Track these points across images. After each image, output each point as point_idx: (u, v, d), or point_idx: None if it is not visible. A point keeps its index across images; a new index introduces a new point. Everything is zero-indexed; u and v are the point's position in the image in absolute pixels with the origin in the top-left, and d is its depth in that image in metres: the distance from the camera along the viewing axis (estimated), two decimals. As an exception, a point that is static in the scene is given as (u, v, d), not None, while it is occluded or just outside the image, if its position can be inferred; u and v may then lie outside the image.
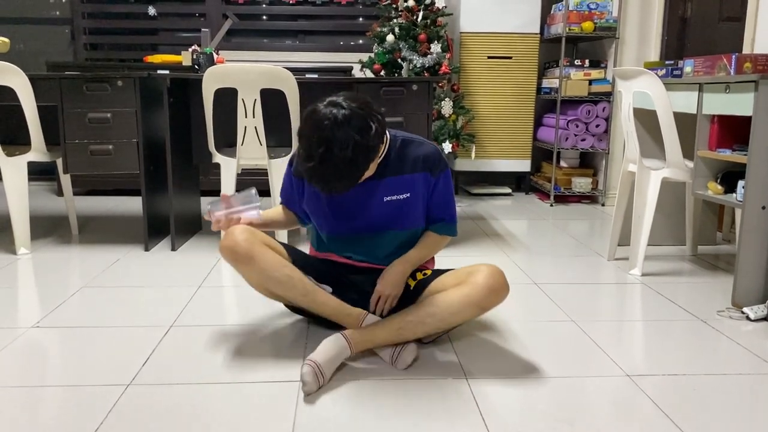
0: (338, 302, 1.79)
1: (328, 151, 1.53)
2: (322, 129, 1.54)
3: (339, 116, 1.54)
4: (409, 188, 1.77)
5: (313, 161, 1.55)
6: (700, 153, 2.43)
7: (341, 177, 1.56)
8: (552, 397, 1.55)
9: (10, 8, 4.85)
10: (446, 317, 1.69)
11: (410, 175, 1.76)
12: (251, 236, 1.73)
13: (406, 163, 1.76)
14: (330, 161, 1.54)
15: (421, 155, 1.77)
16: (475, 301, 1.67)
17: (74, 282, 2.43)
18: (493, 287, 1.68)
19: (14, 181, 2.78)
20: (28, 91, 2.71)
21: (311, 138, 1.55)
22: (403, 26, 4.08)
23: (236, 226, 1.75)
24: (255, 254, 1.71)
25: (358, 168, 1.57)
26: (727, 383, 1.65)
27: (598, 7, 4.17)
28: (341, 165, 1.54)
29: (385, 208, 1.77)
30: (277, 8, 4.85)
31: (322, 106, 1.57)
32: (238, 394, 1.55)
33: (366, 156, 1.57)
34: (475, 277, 1.69)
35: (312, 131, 1.55)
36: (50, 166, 4.73)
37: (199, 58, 3.14)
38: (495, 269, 1.71)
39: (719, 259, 2.91)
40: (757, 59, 2.37)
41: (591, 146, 4.28)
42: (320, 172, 1.55)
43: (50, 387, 1.57)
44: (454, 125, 4.20)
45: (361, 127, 1.56)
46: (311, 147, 1.55)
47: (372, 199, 1.77)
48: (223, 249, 1.72)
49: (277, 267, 1.73)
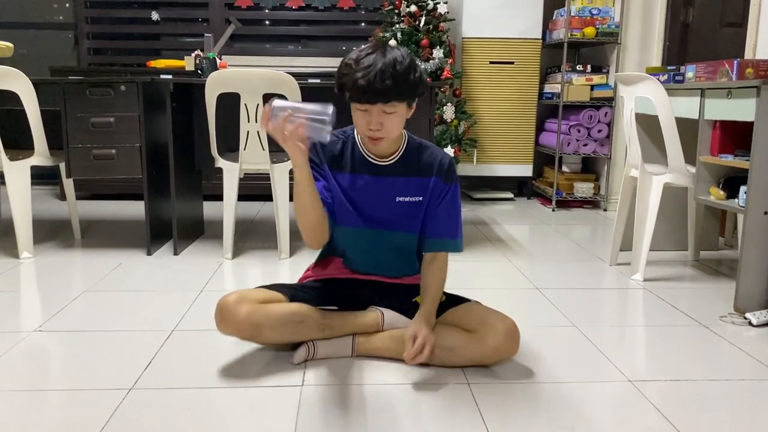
0: (352, 320, 1.78)
1: (386, 54, 1.54)
2: (377, 47, 1.57)
3: (393, 46, 1.60)
4: (422, 192, 1.74)
5: (366, 63, 1.53)
6: (702, 158, 2.43)
7: (390, 77, 1.52)
8: (554, 402, 1.55)
9: (13, 13, 4.87)
10: (448, 362, 1.71)
11: (425, 179, 1.74)
12: (247, 306, 1.65)
13: (421, 167, 1.74)
14: (385, 61, 1.53)
15: (437, 161, 1.74)
16: (478, 359, 1.70)
17: (76, 286, 2.44)
18: (502, 352, 1.69)
19: (17, 185, 2.79)
20: (31, 96, 2.72)
21: (363, 51, 1.57)
22: (406, 31, 4.09)
23: (226, 298, 1.66)
24: (260, 322, 1.65)
25: (409, 77, 1.56)
26: (729, 389, 1.64)
27: (599, 13, 4.17)
28: (396, 65, 1.53)
29: (397, 208, 1.74)
30: (279, 13, 4.86)
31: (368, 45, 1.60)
32: (240, 398, 1.55)
33: (418, 77, 1.59)
34: (487, 335, 1.67)
35: (367, 49, 1.57)
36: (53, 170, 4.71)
37: (202, 63, 3.15)
38: (510, 332, 1.68)
39: (721, 264, 2.90)
40: (759, 65, 2.37)
41: (593, 151, 4.28)
42: (372, 69, 1.52)
43: (52, 391, 1.58)
44: (456, 130, 4.21)
45: (412, 58, 1.60)
46: (365, 56, 1.55)
47: (385, 196, 1.73)
48: (225, 329, 1.67)
49: (287, 320, 1.68)
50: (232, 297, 1.68)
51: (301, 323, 1.70)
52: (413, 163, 1.74)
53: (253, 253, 2.99)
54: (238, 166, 2.81)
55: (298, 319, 1.70)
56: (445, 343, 1.69)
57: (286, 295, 1.75)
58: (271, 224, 3.65)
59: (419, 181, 1.74)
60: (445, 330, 1.72)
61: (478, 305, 1.78)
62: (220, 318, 1.67)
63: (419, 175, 1.73)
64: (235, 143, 2.95)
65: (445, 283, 1.80)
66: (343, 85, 1.57)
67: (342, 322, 1.77)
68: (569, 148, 4.26)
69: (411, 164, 1.73)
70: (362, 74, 1.51)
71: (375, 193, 1.73)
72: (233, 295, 1.69)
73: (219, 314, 1.67)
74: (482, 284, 2.55)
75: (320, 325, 1.74)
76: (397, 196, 1.73)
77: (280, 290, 1.77)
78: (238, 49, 4.88)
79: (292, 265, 2.79)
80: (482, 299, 1.83)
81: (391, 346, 1.75)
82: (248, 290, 1.73)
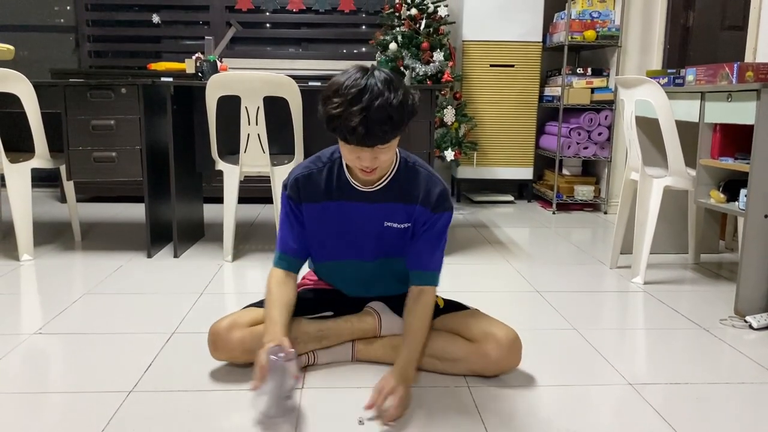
0: (349, 327, 1.75)
1: (379, 94, 1.43)
2: (366, 80, 1.45)
3: (381, 74, 1.48)
4: (409, 218, 1.66)
5: (359, 105, 1.42)
6: (702, 161, 2.43)
7: (388, 121, 1.44)
8: (554, 405, 1.55)
9: (14, 15, 4.88)
10: (449, 372, 1.70)
11: (412, 206, 1.64)
12: (239, 332, 1.65)
13: (407, 193, 1.64)
14: (379, 103, 1.42)
15: (423, 189, 1.63)
16: (479, 371, 1.67)
17: (77, 288, 2.44)
18: (504, 365, 1.66)
19: (18, 188, 2.79)
20: (32, 98, 2.72)
21: (353, 87, 1.44)
22: (406, 34, 4.09)
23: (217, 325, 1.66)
24: (253, 348, 1.58)
25: (405, 114, 1.48)
26: (729, 392, 1.64)
27: (600, 16, 4.18)
28: (391, 107, 1.43)
29: (386, 234, 1.67)
30: (280, 16, 4.87)
31: (353, 71, 1.49)
32: (240, 401, 1.55)
33: (412, 106, 1.50)
34: (490, 347, 1.63)
35: (353, 83, 1.45)
36: (54, 172, 4.74)
37: (202, 65, 3.15)
38: (512, 344, 1.65)
39: (722, 267, 2.90)
40: (759, 68, 2.37)
41: (593, 154, 4.28)
42: (367, 114, 1.42)
43: (52, 393, 1.57)
44: (456, 133, 4.21)
45: (402, 85, 1.49)
46: (356, 94, 1.43)
47: (374, 222, 1.66)
48: (218, 357, 1.68)
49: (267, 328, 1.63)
50: (224, 323, 1.66)
51: (296, 339, 1.67)
52: (401, 189, 1.64)
53: (254, 255, 2.99)
54: (238, 169, 2.82)
55: (292, 337, 1.64)
56: (446, 354, 1.67)
57: None
58: (271, 227, 3.65)
59: (405, 208, 1.64)
60: (446, 339, 1.69)
61: (480, 314, 1.75)
62: (213, 346, 1.67)
63: (404, 202, 1.64)
64: (236, 146, 2.95)
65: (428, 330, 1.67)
66: (334, 126, 1.47)
67: (339, 331, 1.75)
68: (569, 151, 4.26)
69: (398, 189, 1.64)
70: (359, 119, 1.42)
71: (364, 219, 1.66)
72: (225, 320, 1.67)
73: (211, 342, 1.67)
74: (482, 287, 2.55)
75: (316, 338, 1.72)
76: (384, 221, 1.66)
77: None
78: (239, 51, 4.89)
79: (293, 267, 2.79)
80: (482, 302, 1.84)
81: (391, 355, 1.72)
82: (239, 313, 1.71)
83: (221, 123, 2.88)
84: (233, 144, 3.04)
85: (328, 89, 1.48)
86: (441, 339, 1.70)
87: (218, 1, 4.80)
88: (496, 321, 1.70)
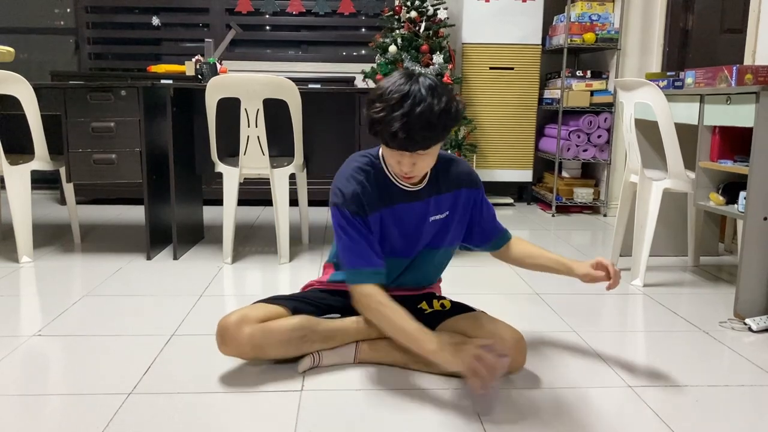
0: (356, 329, 1.76)
1: (421, 100, 1.45)
2: (410, 85, 1.47)
3: (426, 80, 1.50)
4: (450, 206, 1.73)
5: (400, 110, 1.45)
6: (701, 164, 2.44)
7: (429, 127, 1.46)
8: (554, 408, 1.55)
9: (14, 18, 4.88)
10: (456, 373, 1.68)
11: (452, 193, 1.72)
12: (248, 327, 1.63)
13: (450, 183, 1.72)
14: (421, 110, 1.45)
15: (461, 172, 1.74)
16: None
17: (76, 290, 2.44)
18: (511, 365, 1.65)
19: (18, 190, 2.79)
20: (32, 101, 2.73)
21: (396, 92, 1.46)
22: (406, 37, 4.10)
23: (226, 319, 1.63)
24: (263, 343, 1.63)
25: (449, 122, 1.50)
26: (729, 395, 1.64)
27: (599, 19, 4.19)
28: (432, 114, 1.46)
29: (430, 228, 1.72)
30: (280, 19, 4.88)
31: (398, 75, 1.51)
32: (239, 403, 1.55)
33: (455, 114, 1.52)
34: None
35: (396, 87, 1.47)
36: (53, 174, 4.74)
37: (202, 68, 3.16)
38: (519, 345, 1.66)
39: (721, 269, 2.90)
40: (758, 71, 2.38)
41: (593, 157, 4.28)
42: (408, 120, 1.44)
43: (52, 395, 1.57)
44: (456, 135, 4.21)
45: (446, 92, 1.51)
46: (398, 99, 1.45)
47: (421, 220, 1.70)
48: (227, 352, 1.66)
49: (289, 337, 1.65)
50: (233, 318, 1.64)
51: (304, 338, 1.68)
52: (443, 181, 1.71)
53: (253, 257, 2.99)
54: (238, 171, 2.82)
55: (301, 335, 1.67)
56: None
57: (288, 308, 1.72)
58: (270, 229, 3.65)
59: (448, 197, 1.72)
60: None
61: (486, 315, 1.75)
62: (221, 340, 1.65)
63: (448, 191, 1.72)
64: (236, 148, 2.96)
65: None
66: (376, 130, 1.50)
67: (345, 331, 1.75)
68: (569, 153, 4.26)
69: (441, 182, 1.71)
70: (400, 124, 1.45)
71: (412, 219, 1.70)
72: (234, 315, 1.65)
73: (220, 337, 1.65)
74: (482, 289, 2.55)
75: (324, 338, 1.72)
76: (430, 216, 1.71)
77: (281, 303, 1.73)
78: (239, 54, 4.89)
79: (292, 269, 2.79)
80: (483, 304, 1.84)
81: (394, 356, 1.73)
82: (249, 308, 1.69)
83: (221, 125, 2.88)
84: (233, 146, 3.04)
85: (373, 93, 1.52)
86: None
87: (218, 4, 4.81)
88: (501, 322, 1.72)
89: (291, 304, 1.74)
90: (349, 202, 1.62)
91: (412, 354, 1.68)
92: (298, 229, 3.47)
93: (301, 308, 1.74)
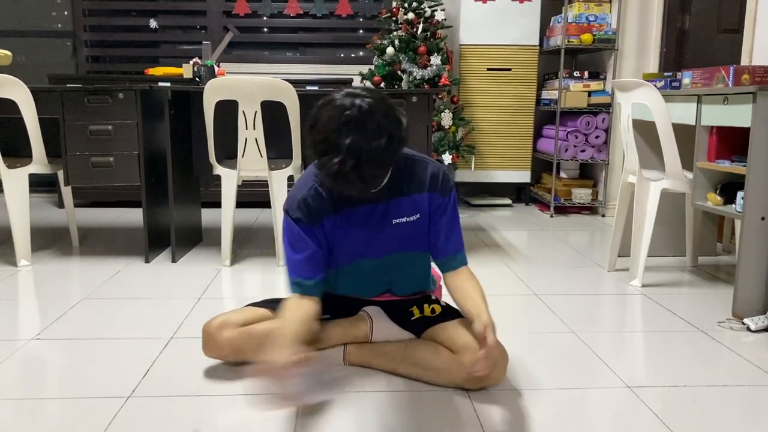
0: (341, 332, 1.76)
1: (361, 140, 1.35)
2: (348, 119, 1.37)
3: (364, 105, 1.38)
4: (418, 209, 1.65)
5: (342, 155, 1.35)
6: (699, 164, 2.44)
7: (377, 170, 1.40)
8: (552, 408, 1.55)
9: (12, 21, 4.88)
10: (433, 383, 1.66)
11: (419, 195, 1.63)
12: (228, 331, 1.66)
13: (413, 183, 1.62)
14: (365, 151, 1.36)
15: (428, 174, 1.63)
16: (460, 383, 1.63)
17: (75, 294, 2.44)
18: (483, 378, 1.60)
19: (15, 193, 2.79)
20: (29, 104, 2.72)
21: (335, 131, 1.37)
22: (403, 38, 4.10)
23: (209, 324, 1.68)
24: (242, 347, 1.66)
25: (392, 157, 1.42)
26: (727, 394, 1.64)
27: (596, 20, 4.19)
28: (377, 154, 1.37)
29: (397, 231, 1.64)
30: (277, 21, 4.88)
31: (339, 97, 1.41)
32: (238, 406, 1.55)
33: (399, 143, 1.43)
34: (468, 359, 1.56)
35: (335, 123, 1.37)
36: (51, 177, 4.74)
37: (200, 70, 3.16)
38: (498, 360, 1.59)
39: (719, 269, 2.91)
40: (754, 71, 2.38)
41: (590, 157, 4.29)
42: (356, 168, 1.36)
43: (50, 399, 1.57)
44: (453, 137, 4.21)
45: (389, 114, 1.41)
46: (338, 139, 1.36)
47: (382, 222, 1.63)
48: (209, 354, 1.71)
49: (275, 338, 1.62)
50: (215, 323, 1.69)
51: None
52: (403, 182, 1.62)
53: (252, 260, 2.99)
54: (236, 173, 2.82)
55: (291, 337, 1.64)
56: (428, 363, 1.65)
57: (274, 311, 1.71)
58: (269, 231, 3.65)
59: (412, 199, 1.63)
60: (430, 348, 1.67)
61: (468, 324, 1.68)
62: (204, 344, 1.71)
63: (413, 192, 1.63)
64: (234, 150, 2.96)
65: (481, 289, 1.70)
66: (328, 175, 1.40)
67: (330, 335, 1.75)
68: (567, 154, 4.27)
69: (401, 183, 1.62)
70: (355, 176, 1.37)
71: (371, 221, 1.63)
72: (217, 319, 1.70)
73: (203, 340, 1.71)
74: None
75: (309, 343, 1.68)
76: (393, 218, 1.63)
77: (269, 306, 1.74)
78: (237, 56, 4.89)
79: (291, 272, 2.79)
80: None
81: (380, 362, 1.73)
82: (232, 312, 1.73)
83: (219, 127, 2.88)
84: (231, 148, 3.04)
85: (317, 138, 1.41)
86: (425, 348, 1.68)
87: (216, 6, 4.81)
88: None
89: (278, 306, 1.72)
90: (296, 209, 1.59)
91: (400, 356, 1.69)
92: (296, 231, 3.46)
93: None
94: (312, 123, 1.42)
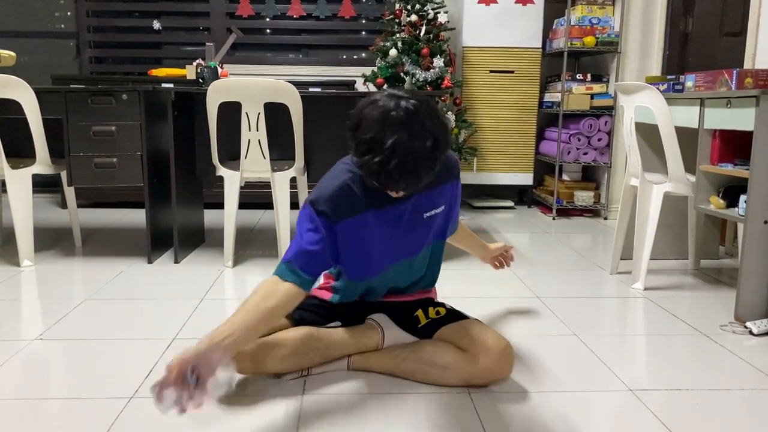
0: (353, 343, 1.73)
1: (408, 141, 1.36)
2: (395, 120, 1.37)
3: (410, 106, 1.38)
4: (444, 199, 1.69)
5: (386, 155, 1.35)
6: (701, 167, 2.44)
7: (422, 170, 1.39)
8: (554, 411, 1.55)
9: (16, 22, 4.89)
10: (440, 381, 1.66)
11: (444, 186, 1.68)
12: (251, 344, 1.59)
13: (439, 176, 1.65)
14: (411, 153, 1.36)
15: (452, 162, 1.70)
16: (468, 379, 1.64)
17: (77, 294, 2.44)
18: (493, 373, 1.62)
19: (19, 194, 2.80)
20: (33, 105, 2.73)
21: (381, 131, 1.36)
22: (406, 41, 4.10)
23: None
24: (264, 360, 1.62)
25: (437, 159, 1.42)
26: (729, 398, 1.64)
27: (599, 22, 4.19)
28: (422, 157, 1.38)
29: (427, 223, 1.67)
30: (280, 23, 4.88)
31: (382, 97, 1.41)
32: (239, 407, 1.55)
33: (445, 146, 1.44)
34: (479, 355, 1.60)
35: (381, 124, 1.37)
36: (54, 178, 4.74)
37: (203, 71, 3.16)
38: (503, 353, 1.61)
39: (722, 273, 2.90)
40: (758, 74, 2.38)
41: (593, 160, 4.29)
42: (399, 167, 1.36)
43: (53, 399, 1.58)
44: (456, 139, 4.22)
45: (433, 116, 1.42)
46: (384, 140, 1.36)
47: (415, 218, 1.64)
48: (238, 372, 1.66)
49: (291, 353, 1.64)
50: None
51: (306, 355, 1.66)
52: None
53: (254, 261, 2.99)
54: (239, 174, 2.82)
55: (303, 352, 1.66)
56: (436, 360, 1.65)
57: (291, 318, 1.72)
58: (271, 232, 3.65)
59: (440, 190, 1.67)
60: (438, 346, 1.68)
61: (476, 323, 1.71)
62: None
63: (438, 184, 1.66)
64: (236, 151, 2.96)
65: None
66: (371, 173, 1.40)
67: (343, 345, 1.73)
68: (569, 156, 4.27)
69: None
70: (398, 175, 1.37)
71: (404, 220, 1.63)
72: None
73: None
74: (482, 293, 2.55)
75: (323, 354, 1.70)
76: (424, 212, 1.65)
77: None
78: (240, 57, 4.90)
79: (293, 273, 2.79)
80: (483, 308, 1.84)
81: (387, 364, 1.72)
82: None
83: (222, 129, 2.89)
84: (234, 150, 3.04)
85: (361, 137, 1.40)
86: (433, 345, 1.69)
87: (219, 8, 4.82)
88: (489, 329, 1.67)
89: (296, 314, 1.73)
90: (323, 202, 1.55)
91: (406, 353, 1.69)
92: (298, 232, 3.46)
93: (305, 317, 1.74)
94: (356, 123, 1.42)
